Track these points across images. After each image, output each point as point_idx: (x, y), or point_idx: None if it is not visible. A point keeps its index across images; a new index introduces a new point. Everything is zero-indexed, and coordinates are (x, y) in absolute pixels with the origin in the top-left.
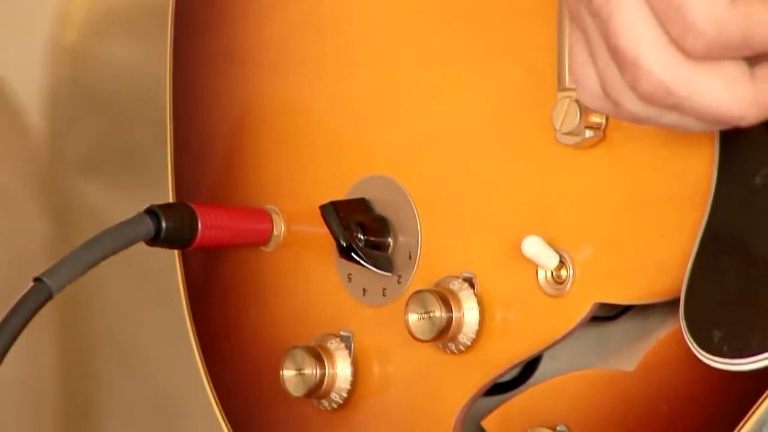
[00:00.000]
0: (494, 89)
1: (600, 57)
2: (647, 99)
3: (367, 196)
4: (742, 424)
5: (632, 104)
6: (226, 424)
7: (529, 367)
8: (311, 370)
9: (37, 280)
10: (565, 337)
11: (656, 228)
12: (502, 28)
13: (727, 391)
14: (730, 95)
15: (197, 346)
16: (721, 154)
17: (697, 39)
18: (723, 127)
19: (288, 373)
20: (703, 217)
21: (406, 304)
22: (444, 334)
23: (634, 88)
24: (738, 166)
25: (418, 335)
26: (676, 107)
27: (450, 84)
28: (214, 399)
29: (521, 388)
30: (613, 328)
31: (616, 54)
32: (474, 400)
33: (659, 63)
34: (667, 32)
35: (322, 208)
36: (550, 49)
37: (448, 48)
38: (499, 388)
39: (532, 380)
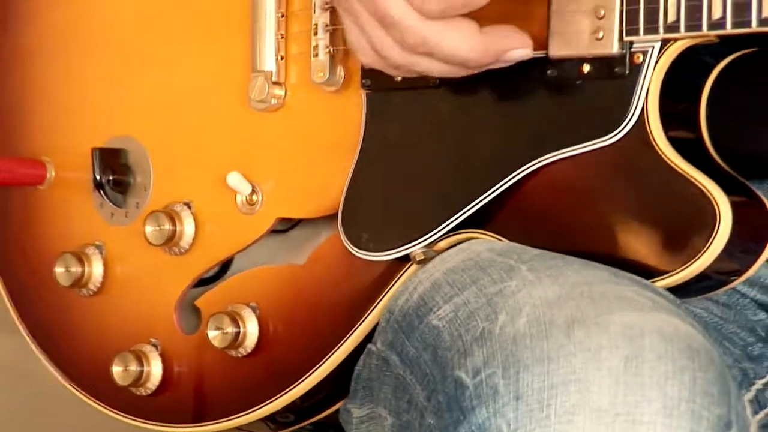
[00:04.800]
0: (210, 69)
1: (370, 28)
2: (411, 48)
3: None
4: (385, 292)
5: (397, 56)
6: (11, 303)
7: (225, 267)
8: (75, 268)
9: None
10: (254, 243)
11: (321, 166)
12: (212, 24)
13: (373, 274)
14: (465, 43)
15: None
16: (367, 113)
17: (431, 4)
18: (464, 71)
19: (59, 270)
20: (355, 156)
21: (144, 220)
22: (170, 241)
23: (401, 42)
24: (379, 120)
25: (153, 241)
26: (429, 53)
27: (176, 64)
28: (3, 287)
29: (220, 281)
30: (290, 236)
31: (384, 20)
32: (189, 288)
33: (415, 21)
34: (411, 3)
35: (93, 151)
36: (243, 44)
37: (173, 37)
38: (206, 282)
39: (228, 274)
